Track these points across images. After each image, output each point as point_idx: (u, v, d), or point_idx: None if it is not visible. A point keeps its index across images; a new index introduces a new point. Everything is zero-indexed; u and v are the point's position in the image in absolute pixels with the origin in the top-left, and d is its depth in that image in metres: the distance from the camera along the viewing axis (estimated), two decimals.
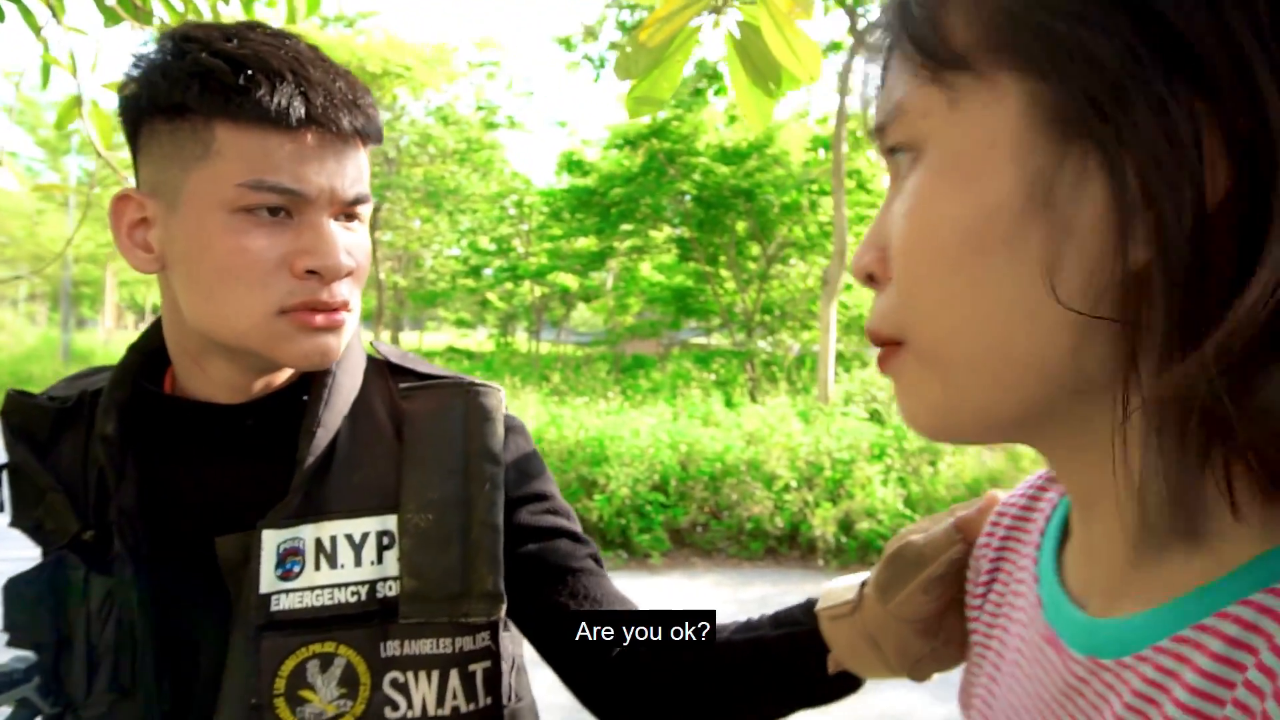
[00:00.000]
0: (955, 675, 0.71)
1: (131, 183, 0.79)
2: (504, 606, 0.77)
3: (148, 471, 0.79)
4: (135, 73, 0.73)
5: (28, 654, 0.83)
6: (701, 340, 19.47)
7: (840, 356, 12.30)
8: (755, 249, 13.32)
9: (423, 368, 0.87)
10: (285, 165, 0.70)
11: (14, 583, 0.81)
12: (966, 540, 0.63)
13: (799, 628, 0.75)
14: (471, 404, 0.82)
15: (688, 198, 12.70)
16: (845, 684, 0.75)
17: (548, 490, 0.85)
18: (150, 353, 0.83)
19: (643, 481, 6.14)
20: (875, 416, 7.95)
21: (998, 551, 0.58)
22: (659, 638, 0.79)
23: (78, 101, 1.63)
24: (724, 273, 13.73)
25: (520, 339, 22.48)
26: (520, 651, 0.87)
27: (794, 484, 6.13)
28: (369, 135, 0.76)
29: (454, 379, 0.84)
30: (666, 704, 0.78)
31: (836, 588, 0.72)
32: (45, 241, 19.88)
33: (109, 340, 26.24)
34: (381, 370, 0.86)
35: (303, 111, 0.70)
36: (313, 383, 0.80)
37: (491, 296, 19.58)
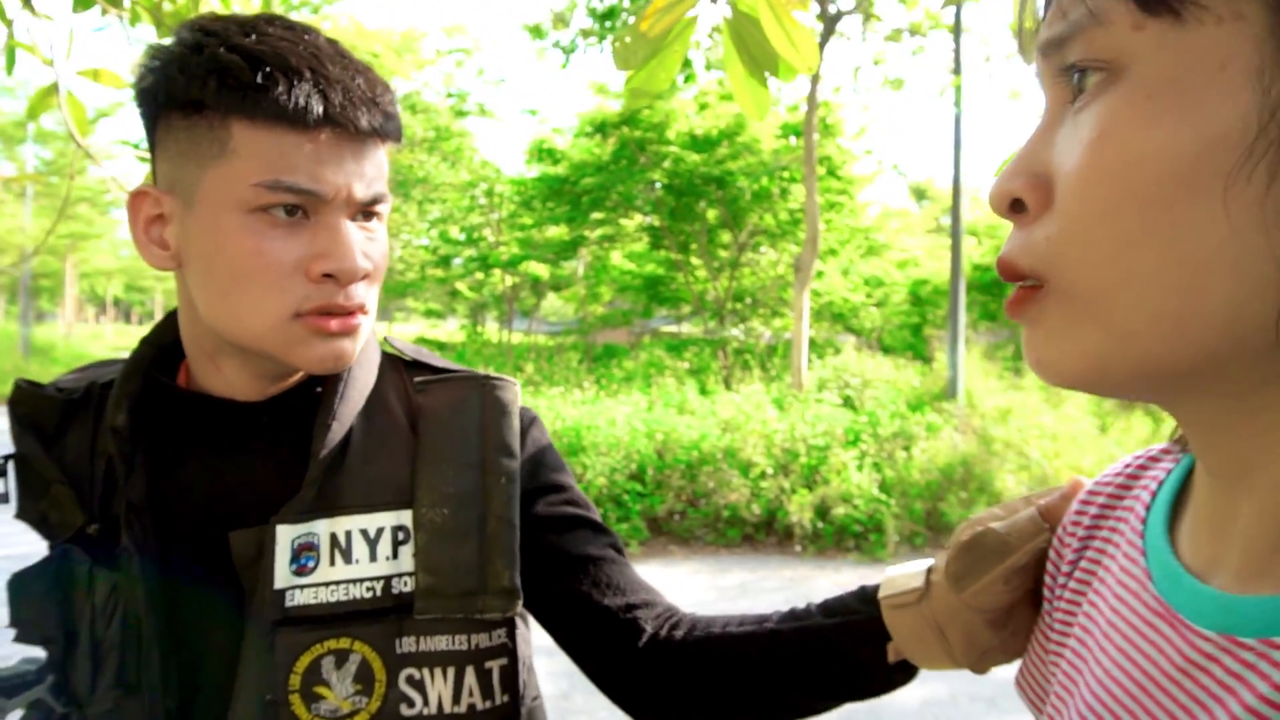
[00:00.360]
0: None
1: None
2: (520, 602, 0.76)
3: (158, 465, 0.78)
4: (153, 65, 0.71)
5: (38, 655, 0.82)
6: (672, 328, 19.49)
7: (813, 343, 12.39)
8: (726, 237, 13.33)
9: (437, 362, 0.86)
10: (303, 165, 0.69)
11: (19, 577, 0.80)
12: (1051, 528, 0.61)
13: (854, 616, 0.74)
14: (487, 398, 0.81)
15: (658, 186, 12.68)
16: (901, 674, 0.73)
17: (565, 481, 0.85)
18: (164, 346, 0.82)
19: (620, 471, 6.15)
20: (849, 403, 8.02)
21: (1088, 530, 0.55)
22: (693, 628, 0.78)
23: (52, 90, 1.59)
24: (695, 261, 13.74)
25: (491, 329, 22.38)
26: (530, 651, 0.87)
27: (770, 471, 6.18)
28: (388, 134, 0.75)
29: (469, 373, 0.84)
30: (701, 696, 0.77)
31: (899, 575, 0.70)
32: (3, 233, 19.39)
33: (70, 334, 25.74)
34: (396, 365, 0.86)
35: (320, 110, 0.69)
36: (327, 378, 0.80)
37: (461, 286, 19.46)
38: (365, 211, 0.75)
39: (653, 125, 11.96)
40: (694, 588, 5.09)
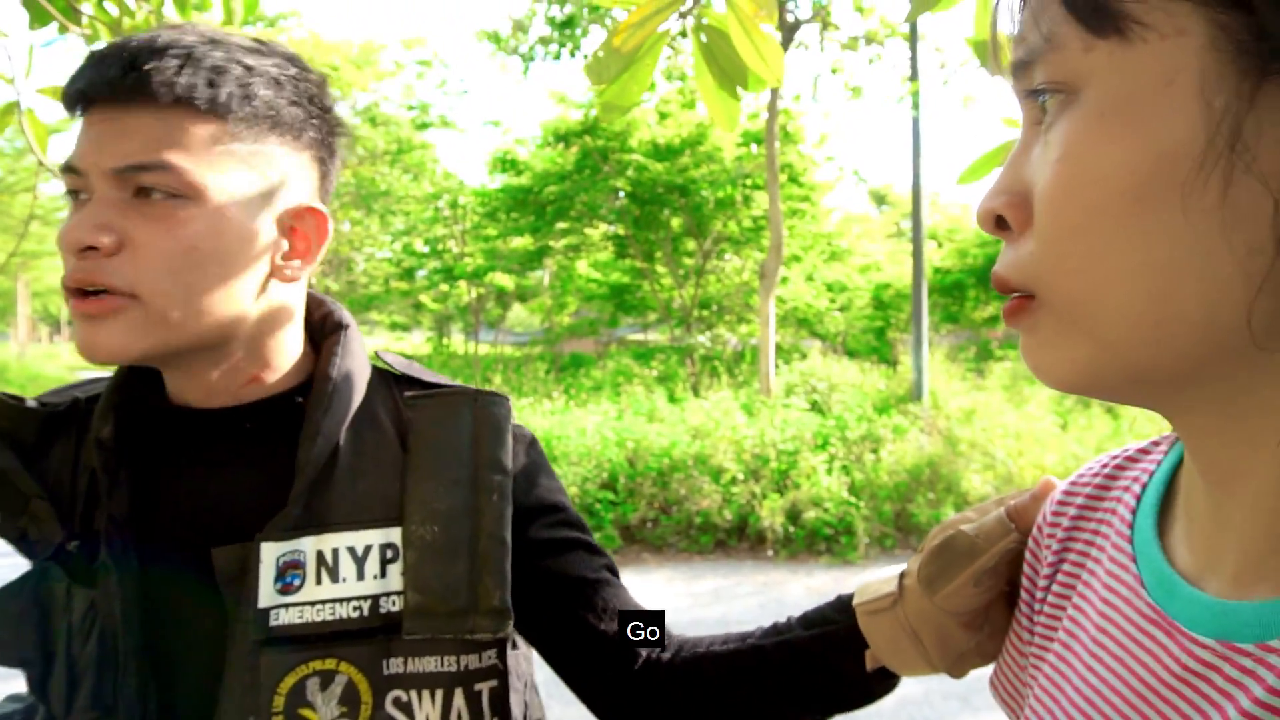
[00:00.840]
0: None
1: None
2: (511, 623, 0.75)
3: (142, 479, 0.77)
4: None
5: (23, 692, 0.80)
6: (638, 336, 19.52)
7: (779, 349, 12.47)
8: (691, 244, 13.40)
9: (429, 377, 0.85)
10: (76, 144, 0.70)
11: None
12: (1018, 528, 0.61)
13: (832, 627, 0.74)
14: (479, 413, 0.80)
15: (622, 195, 12.71)
16: (882, 683, 0.73)
17: (559, 501, 0.84)
18: None
19: (591, 480, 6.14)
20: (816, 407, 8.09)
21: (1067, 532, 0.55)
22: (680, 650, 0.78)
23: (11, 108, 1.57)
24: (660, 269, 13.79)
25: (456, 341, 22.26)
26: (532, 669, 0.86)
27: (741, 476, 6.20)
28: (155, 94, 0.68)
29: (461, 388, 0.82)
30: (696, 717, 0.77)
31: (874, 581, 0.70)
32: None
33: (23, 354, 25.13)
34: (387, 380, 0.84)
35: (82, 85, 0.69)
36: (311, 389, 0.79)
37: (425, 299, 19.33)
38: (140, 185, 0.69)
39: (615, 134, 12.00)
40: (668, 595, 5.09)
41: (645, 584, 5.29)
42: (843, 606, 0.74)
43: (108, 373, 0.83)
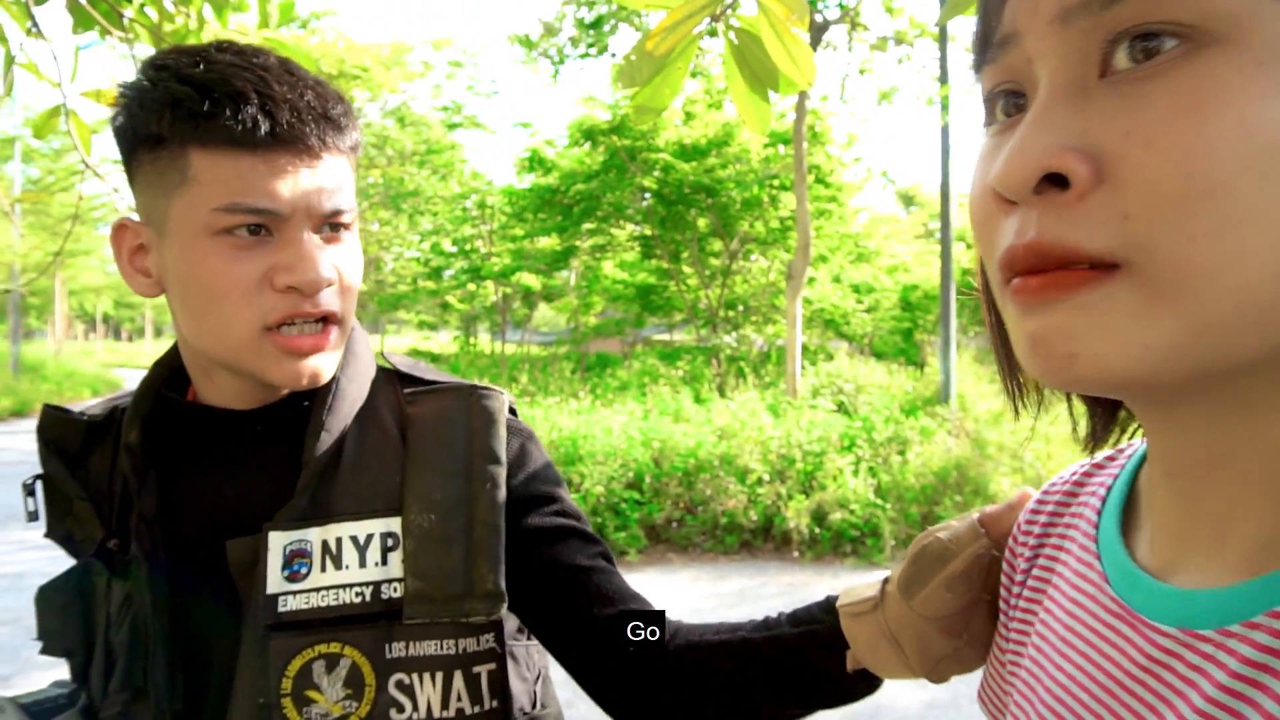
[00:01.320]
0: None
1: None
2: (504, 605, 0.78)
3: (168, 479, 0.82)
4: (122, 103, 0.75)
5: (69, 681, 0.86)
6: (664, 337, 19.53)
7: (805, 349, 12.43)
8: (717, 245, 13.39)
9: (430, 374, 0.89)
10: (257, 185, 0.72)
11: (44, 591, 0.84)
12: (991, 536, 0.62)
13: (818, 625, 0.75)
14: (475, 407, 0.84)
15: (649, 195, 12.73)
16: (864, 684, 0.75)
17: (555, 493, 0.86)
18: (175, 367, 0.86)
19: (617, 479, 6.17)
20: (843, 408, 8.06)
21: (1039, 539, 0.56)
22: (674, 636, 0.79)
23: (56, 111, 1.61)
24: (687, 269, 13.79)
25: (483, 340, 22.40)
26: (546, 662, 0.88)
27: (766, 477, 6.20)
28: (342, 146, 0.77)
29: (458, 384, 0.87)
30: (684, 704, 0.78)
31: (858, 585, 0.72)
32: None
33: (60, 351, 25.61)
34: (390, 378, 0.89)
35: (268, 129, 0.71)
36: (315, 391, 0.83)
37: (452, 298, 19.48)
38: (331, 223, 0.77)
39: (641, 134, 12.01)
40: (693, 595, 5.10)
41: (670, 584, 5.31)
42: (830, 607, 0.76)
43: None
